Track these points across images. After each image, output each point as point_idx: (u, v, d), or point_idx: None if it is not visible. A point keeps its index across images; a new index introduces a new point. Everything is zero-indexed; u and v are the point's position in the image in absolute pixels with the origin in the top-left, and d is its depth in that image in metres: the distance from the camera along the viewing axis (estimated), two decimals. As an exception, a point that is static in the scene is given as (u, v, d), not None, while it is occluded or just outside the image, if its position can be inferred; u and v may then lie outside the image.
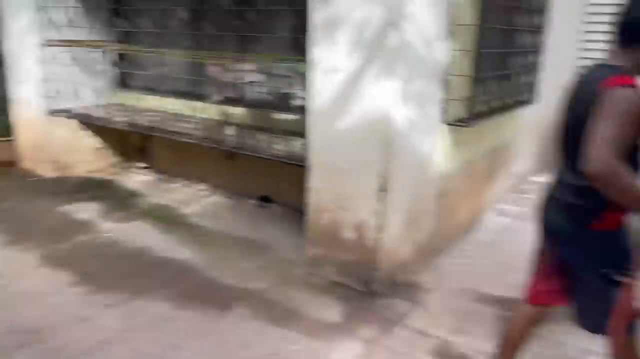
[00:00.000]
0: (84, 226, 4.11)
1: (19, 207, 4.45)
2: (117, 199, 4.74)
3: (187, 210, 4.50)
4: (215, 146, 4.03)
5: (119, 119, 4.72)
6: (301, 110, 3.54)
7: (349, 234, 3.13)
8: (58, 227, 4.05)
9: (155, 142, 5.38)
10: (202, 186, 5.10)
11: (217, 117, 4.11)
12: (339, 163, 3.06)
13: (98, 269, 3.38)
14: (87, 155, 5.46)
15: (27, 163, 5.41)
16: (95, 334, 2.67)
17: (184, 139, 4.22)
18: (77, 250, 3.67)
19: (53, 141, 5.17)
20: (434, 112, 3.21)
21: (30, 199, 4.64)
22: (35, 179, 5.20)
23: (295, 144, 3.56)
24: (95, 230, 4.03)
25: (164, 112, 4.37)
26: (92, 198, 4.74)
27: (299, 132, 3.57)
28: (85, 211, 4.43)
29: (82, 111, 5.05)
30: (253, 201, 4.69)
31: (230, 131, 3.93)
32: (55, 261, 3.47)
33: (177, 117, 4.31)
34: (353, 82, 2.85)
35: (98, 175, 5.41)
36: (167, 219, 4.29)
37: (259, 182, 4.68)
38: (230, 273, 3.39)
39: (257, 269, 3.45)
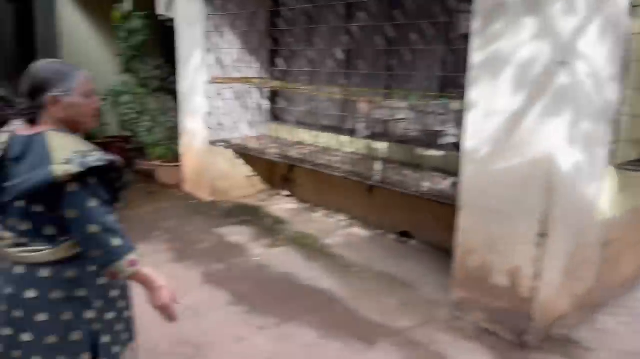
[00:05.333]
0: (236, 248, 4.44)
1: (182, 227, 4.95)
2: (264, 225, 5.05)
3: (328, 240, 4.65)
4: (360, 179, 4.14)
5: (271, 150, 5.07)
6: (449, 147, 3.51)
7: (500, 279, 2.99)
8: (214, 248, 4.43)
9: (300, 172, 5.67)
10: (342, 217, 5.23)
11: (363, 152, 4.23)
12: (494, 204, 2.95)
13: (250, 291, 3.62)
14: (239, 182, 5.93)
15: (188, 186, 6.03)
16: (249, 355, 2.84)
17: (329, 172, 4.40)
18: (232, 271, 3.97)
19: (211, 168, 5.71)
20: (601, 154, 2.98)
21: (190, 220, 5.14)
22: (194, 201, 5.76)
23: (443, 182, 3.52)
24: (246, 253, 4.33)
25: (313, 145, 4.61)
26: (242, 222, 5.11)
27: (446, 169, 3.53)
28: (237, 234, 4.79)
29: (238, 142, 5.52)
30: (392, 236, 4.70)
31: (376, 166, 4.02)
32: (215, 279, 3.78)
33: (325, 150, 4.52)
34: (514, 123, 2.76)
35: (247, 201, 5.83)
36: (310, 247, 4.47)
37: (399, 217, 4.68)
38: (373, 307, 3.41)
39: (399, 306, 3.43)
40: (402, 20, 3.70)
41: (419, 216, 4.49)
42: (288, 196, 5.97)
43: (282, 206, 5.72)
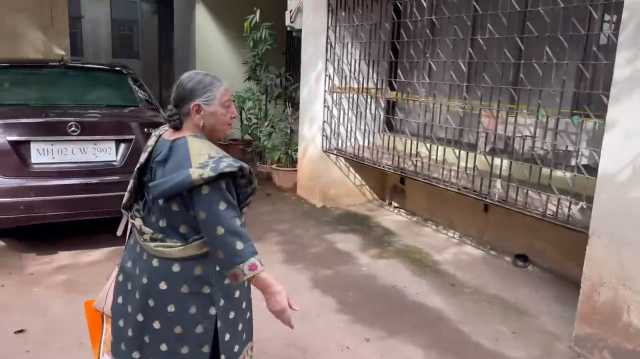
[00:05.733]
0: (344, 256, 4.48)
1: (294, 230, 5.11)
2: (373, 235, 5.04)
3: (438, 256, 4.52)
4: (476, 196, 3.98)
5: (385, 161, 5.06)
6: (579, 169, 3.23)
7: (635, 318, 2.70)
8: (324, 254, 4.51)
9: (411, 184, 5.59)
10: (453, 233, 5.07)
11: (481, 168, 4.06)
12: (632, 235, 2.67)
13: (357, 300, 3.63)
14: (350, 190, 6.00)
15: (301, 191, 6.22)
16: (354, 364, 2.85)
17: (443, 186, 4.28)
18: (339, 278, 4.01)
19: (324, 175, 5.84)
20: None
21: (302, 224, 5.29)
22: (306, 206, 5.93)
23: (571, 206, 3.26)
24: (354, 262, 4.36)
25: (427, 157, 4.52)
26: (351, 231, 5.16)
27: (575, 192, 3.26)
28: (346, 241, 4.83)
29: (351, 151, 5.58)
30: (508, 258, 4.45)
31: (496, 184, 3.83)
32: (323, 285, 3.85)
33: (439, 163, 4.41)
34: (663, 147, 2.48)
35: (356, 209, 5.87)
36: (418, 262, 4.38)
37: (517, 239, 4.42)
38: (484, 331, 3.25)
39: (513, 334, 3.23)
40: (534, 31, 3.50)
41: (539, 240, 4.21)
42: (398, 207, 5.91)
43: (392, 217, 5.68)
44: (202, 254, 1.70)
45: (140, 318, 1.75)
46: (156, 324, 1.73)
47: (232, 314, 1.81)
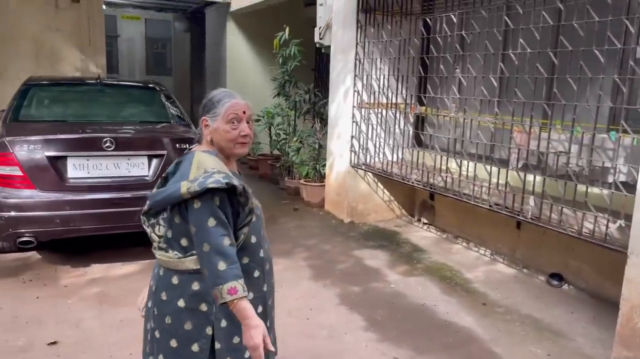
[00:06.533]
0: (373, 272, 4.43)
1: (321, 245, 5.09)
2: (402, 252, 4.98)
3: (469, 274, 4.43)
4: (509, 214, 3.89)
5: (414, 176, 5.01)
6: (617, 186, 3.13)
7: (678, 343, 2.57)
8: (351, 270, 4.47)
9: (441, 200, 5.52)
10: (484, 251, 4.96)
11: (513, 184, 3.98)
12: (673, 256, 2.57)
13: (385, 318, 3.58)
14: (378, 206, 5.95)
15: (329, 206, 6.21)
16: (383, 384, 2.80)
17: (474, 203, 4.21)
18: (367, 295, 3.96)
19: (352, 190, 5.82)
20: None
21: (330, 240, 5.27)
22: (334, 221, 5.91)
23: (608, 224, 3.15)
24: (382, 279, 4.30)
25: (457, 172, 4.46)
26: (380, 247, 5.11)
27: (612, 210, 3.16)
28: (374, 258, 4.79)
29: (380, 166, 5.55)
30: (542, 277, 4.32)
31: (529, 201, 3.74)
32: (350, 302, 3.81)
33: (469, 179, 4.34)
34: None
35: (385, 225, 5.82)
36: (449, 279, 4.30)
37: (551, 257, 4.30)
38: (517, 353, 3.15)
39: (547, 357, 3.13)
40: (568, 46, 3.44)
41: (574, 258, 4.08)
42: (427, 223, 5.83)
43: (421, 233, 5.61)
44: (199, 270, 1.65)
45: (150, 324, 1.80)
46: (157, 334, 1.75)
47: (236, 339, 1.72)
